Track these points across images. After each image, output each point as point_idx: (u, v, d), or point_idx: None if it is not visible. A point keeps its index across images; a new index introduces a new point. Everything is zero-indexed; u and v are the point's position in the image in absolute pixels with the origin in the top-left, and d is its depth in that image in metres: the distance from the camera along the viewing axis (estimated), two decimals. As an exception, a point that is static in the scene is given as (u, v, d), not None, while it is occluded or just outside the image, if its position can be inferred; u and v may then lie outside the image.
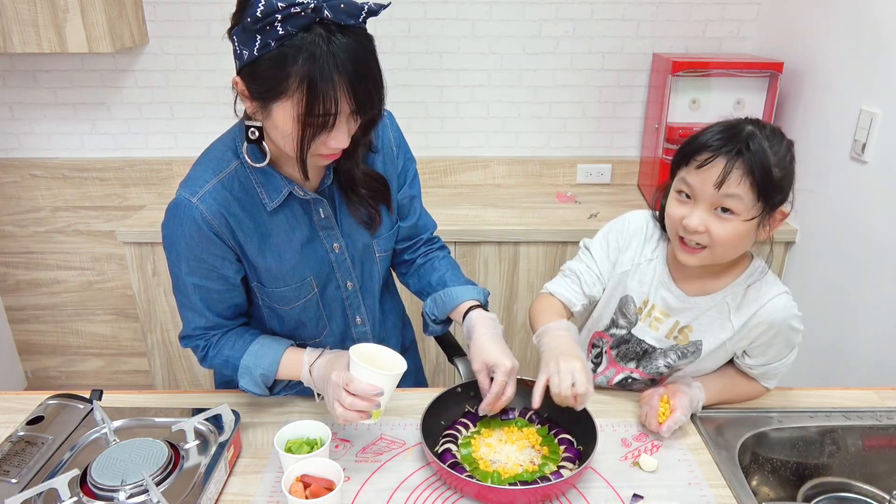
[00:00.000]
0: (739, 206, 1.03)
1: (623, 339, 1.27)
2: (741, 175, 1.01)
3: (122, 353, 2.73)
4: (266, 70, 0.90)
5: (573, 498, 1.02)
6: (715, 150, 1.03)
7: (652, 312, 1.23)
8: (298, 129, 0.93)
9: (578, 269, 1.29)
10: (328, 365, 1.08)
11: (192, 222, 1.03)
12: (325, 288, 1.18)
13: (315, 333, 1.22)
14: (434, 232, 1.36)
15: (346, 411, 1.00)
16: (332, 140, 0.96)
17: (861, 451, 1.19)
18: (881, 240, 1.71)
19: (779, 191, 1.04)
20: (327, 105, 0.90)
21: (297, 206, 1.11)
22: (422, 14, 2.30)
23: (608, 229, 1.29)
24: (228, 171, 1.06)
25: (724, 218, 1.04)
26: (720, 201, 1.04)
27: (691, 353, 1.20)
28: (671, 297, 1.20)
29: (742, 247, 1.10)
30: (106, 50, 2.02)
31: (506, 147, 2.51)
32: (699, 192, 1.05)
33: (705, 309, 1.17)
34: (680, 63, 2.08)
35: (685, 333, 1.20)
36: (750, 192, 1.02)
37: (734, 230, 1.04)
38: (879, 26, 1.71)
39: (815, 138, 1.98)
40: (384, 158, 1.19)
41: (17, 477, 0.97)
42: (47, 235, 2.56)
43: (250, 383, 1.13)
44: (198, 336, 1.14)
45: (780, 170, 1.02)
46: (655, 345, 1.23)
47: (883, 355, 1.70)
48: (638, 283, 1.23)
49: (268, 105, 0.93)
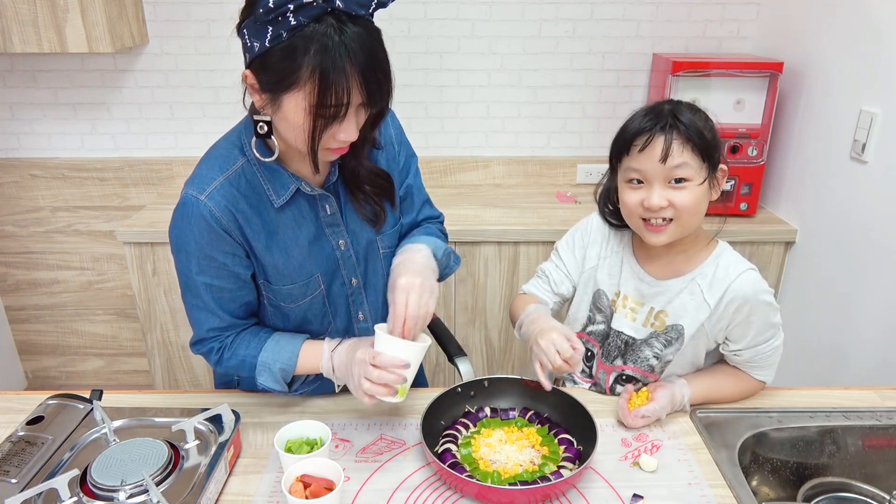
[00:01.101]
0: (690, 171, 1.10)
1: (604, 335, 1.29)
2: (681, 144, 1.10)
3: (122, 353, 2.73)
4: (277, 61, 0.90)
5: (573, 498, 1.02)
6: (649, 130, 1.11)
7: (626, 303, 1.25)
8: (309, 121, 0.93)
9: (548, 269, 1.36)
10: (351, 348, 1.09)
11: (202, 220, 1.03)
12: (330, 285, 1.18)
13: (320, 330, 1.22)
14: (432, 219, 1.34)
15: (373, 385, 1.01)
16: (342, 132, 0.96)
17: (861, 451, 1.19)
18: (881, 240, 1.71)
19: (715, 149, 1.12)
20: (339, 95, 0.90)
21: (304, 203, 1.11)
22: (422, 14, 2.30)
23: (574, 229, 1.35)
24: (235, 168, 1.06)
25: (681, 187, 1.11)
26: (671, 174, 1.11)
27: (675, 340, 1.22)
28: (642, 285, 1.23)
29: (701, 211, 1.15)
30: (106, 50, 2.02)
31: (506, 147, 2.51)
32: (650, 173, 1.12)
33: (677, 291, 1.20)
34: (680, 63, 2.08)
35: (661, 318, 1.22)
36: (694, 157, 1.10)
37: (693, 196, 1.11)
38: (879, 26, 1.71)
39: (815, 138, 1.98)
40: (387, 156, 1.19)
41: (17, 477, 0.97)
42: (47, 235, 2.56)
43: (269, 380, 1.13)
44: (212, 338, 1.13)
45: (708, 132, 1.12)
46: (635, 335, 1.25)
47: (883, 355, 1.70)
48: (607, 275, 1.28)
49: (278, 97, 0.93)
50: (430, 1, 2.29)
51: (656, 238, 1.15)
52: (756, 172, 2.12)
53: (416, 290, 1.06)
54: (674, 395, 1.18)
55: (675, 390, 1.19)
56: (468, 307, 2.20)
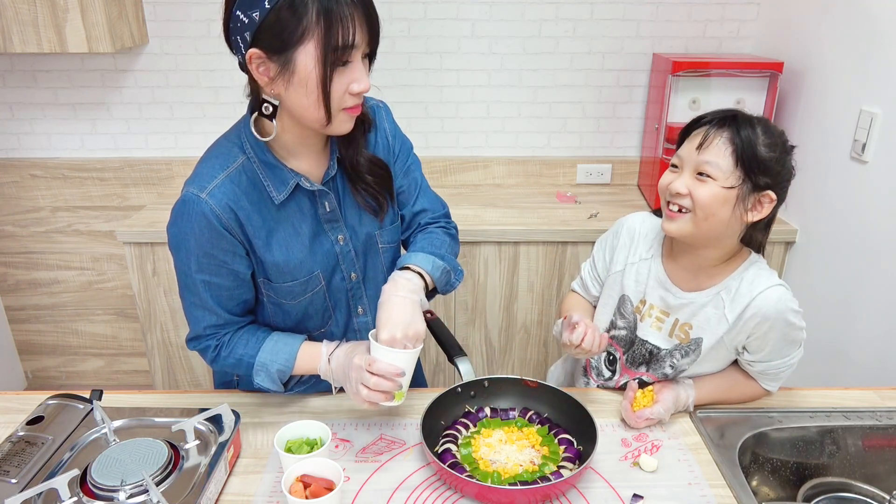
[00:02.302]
0: (716, 171, 1.08)
1: (628, 342, 1.27)
2: (722, 142, 1.08)
3: (122, 353, 2.73)
4: (283, 19, 0.92)
5: (573, 498, 1.02)
6: (706, 123, 1.12)
7: (652, 312, 1.23)
8: (321, 70, 0.95)
9: (583, 271, 1.39)
10: (349, 352, 1.09)
11: (202, 217, 1.03)
12: (330, 280, 1.19)
13: (320, 325, 1.22)
14: (438, 215, 1.32)
15: (371, 392, 1.02)
16: (355, 82, 0.98)
17: (861, 451, 1.19)
18: (881, 240, 1.71)
19: (763, 171, 1.08)
20: (346, 35, 0.93)
21: (304, 200, 1.11)
22: (422, 14, 2.30)
23: (609, 232, 1.34)
24: (235, 165, 1.06)
25: (703, 180, 1.10)
26: (699, 166, 1.10)
27: (692, 352, 1.20)
28: (668, 295, 1.21)
29: (720, 216, 1.10)
30: (106, 50, 2.02)
31: (506, 147, 2.51)
32: (685, 159, 1.12)
33: (701, 305, 1.18)
34: (680, 63, 2.08)
35: (685, 331, 1.20)
36: (728, 159, 1.08)
37: (711, 192, 1.08)
38: (879, 26, 1.71)
39: (815, 138, 1.98)
40: (382, 149, 1.20)
41: (17, 477, 0.97)
42: (47, 235, 2.56)
43: (266, 380, 1.13)
44: (209, 336, 1.13)
45: (766, 150, 1.08)
46: (661, 345, 1.23)
47: (883, 355, 1.70)
48: (634, 281, 1.25)
49: (290, 56, 0.94)
50: (430, 1, 2.29)
51: (668, 225, 1.14)
52: (756, 172, 2.12)
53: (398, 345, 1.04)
54: (678, 397, 1.18)
55: (679, 392, 1.18)
56: (468, 307, 2.20)
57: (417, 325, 1.06)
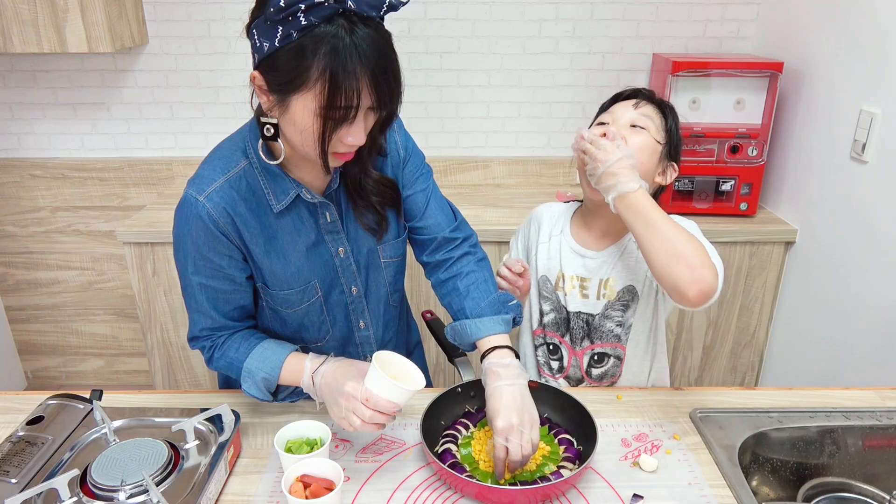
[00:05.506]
0: (651, 124, 1.19)
1: (564, 322, 1.31)
2: (652, 106, 1.22)
3: (122, 353, 2.73)
4: (287, 61, 0.88)
5: (573, 498, 1.02)
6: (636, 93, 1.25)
7: (574, 283, 1.28)
8: (318, 123, 0.91)
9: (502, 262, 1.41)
10: (338, 374, 1.04)
11: (199, 220, 1.02)
12: (329, 292, 1.17)
13: (318, 337, 1.22)
14: (453, 230, 1.24)
15: (364, 424, 0.99)
16: (351, 136, 0.95)
17: (861, 451, 1.19)
18: (881, 240, 1.71)
19: (677, 143, 1.23)
20: (349, 98, 0.89)
21: (304, 209, 1.10)
22: (422, 14, 2.30)
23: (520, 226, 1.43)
24: (237, 170, 1.05)
25: (637, 131, 1.19)
26: (635, 119, 1.20)
27: (631, 301, 1.25)
28: (585, 260, 1.27)
29: (648, 169, 1.19)
30: (106, 50, 2.02)
31: (506, 147, 2.51)
32: (617, 115, 1.21)
33: (616, 256, 1.25)
34: (680, 63, 2.08)
35: (610, 287, 1.25)
36: (659, 118, 1.21)
37: (645, 141, 1.18)
38: (879, 26, 1.71)
39: (815, 138, 1.98)
40: (391, 163, 1.17)
41: (17, 477, 0.97)
42: (47, 235, 2.56)
43: (253, 387, 1.11)
44: (204, 337, 1.13)
45: (676, 124, 1.23)
46: (593, 311, 1.27)
47: (883, 355, 1.70)
48: (546, 258, 1.32)
49: (287, 98, 0.92)
50: (430, 1, 2.29)
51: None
52: (756, 172, 2.12)
53: (515, 433, 1.00)
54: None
55: None
56: (468, 307, 2.20)
57: (531, 410, 1.03)
